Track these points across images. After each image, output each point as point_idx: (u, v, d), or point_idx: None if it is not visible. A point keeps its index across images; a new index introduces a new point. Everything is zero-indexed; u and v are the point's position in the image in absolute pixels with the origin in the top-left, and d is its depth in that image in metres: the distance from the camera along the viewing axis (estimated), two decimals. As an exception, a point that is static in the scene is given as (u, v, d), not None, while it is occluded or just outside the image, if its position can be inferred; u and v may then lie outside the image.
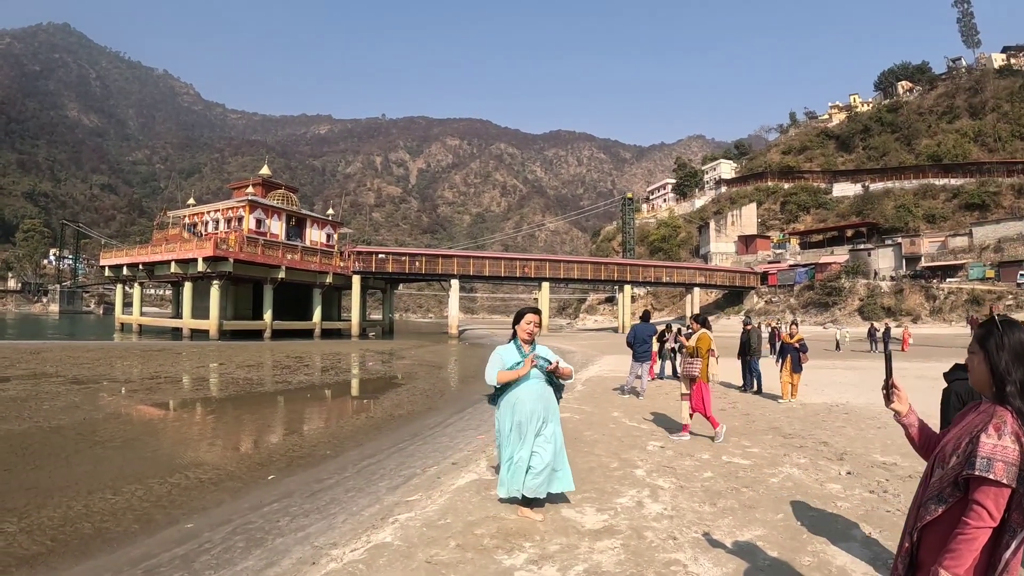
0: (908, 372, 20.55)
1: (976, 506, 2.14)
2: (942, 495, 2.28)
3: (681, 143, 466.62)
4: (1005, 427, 2.17)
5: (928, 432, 2.58)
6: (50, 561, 5.71)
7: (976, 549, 2.14)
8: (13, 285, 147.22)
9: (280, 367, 27.30)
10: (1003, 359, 2.25)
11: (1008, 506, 2.14)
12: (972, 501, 2.16)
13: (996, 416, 2.21)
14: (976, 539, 2.13)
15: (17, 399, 15.25)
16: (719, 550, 4.60)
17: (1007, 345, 2.25)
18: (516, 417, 5.17)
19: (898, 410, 2.57)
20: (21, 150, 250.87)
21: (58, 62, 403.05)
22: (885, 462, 7.56)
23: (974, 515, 2.14)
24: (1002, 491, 2.12)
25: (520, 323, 5.34)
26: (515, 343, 5.32)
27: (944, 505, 2.26)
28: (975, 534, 2.13)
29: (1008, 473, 2.10)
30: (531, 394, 5.17)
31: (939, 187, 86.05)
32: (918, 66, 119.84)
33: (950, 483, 2.26)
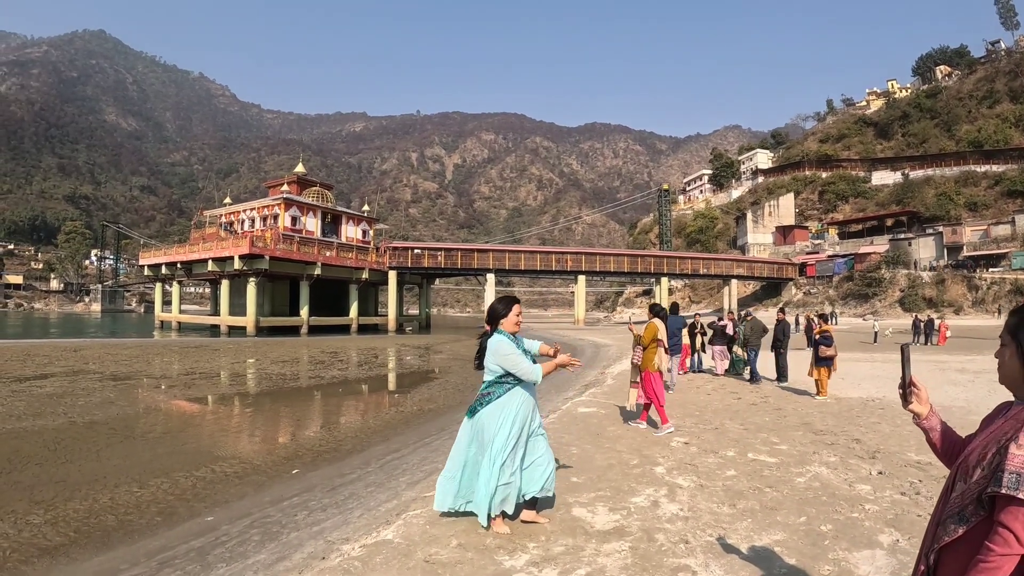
0: (949, 365, 20.16)
1: (1002, 529, 1.79)
2: (963, 513, 1.93)
3: (717, 133, 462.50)
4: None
5: (952, 437, 2.27)
6: (71, 552, 5.79)
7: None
8: (56, 286, 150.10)
9: (314, 362, 27.53)
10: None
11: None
12: (997, 523, 1.81)
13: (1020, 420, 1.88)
14: (1000, 568, 1.78)
15: (54, 395, 15.52)
16: (733, 556, 4.41)
17: None
18: (518, 420, 4.74)
19: (917, 412, 2.30)
20: (61, 155, 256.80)
21: (95, 68, 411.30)
22: (920, 461, 7.24)
23: (999, 540, 1.79)
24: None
25: (508, 315, 4.91)
26: (505, 335, 4.87)
27: (966, 525, 1.91)
28: (999, 563, 1.78)
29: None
30: (529, 394, 4.89)
31: (980, 174, 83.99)
32: (956, 50, 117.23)
33: (973, 500, 1.91)
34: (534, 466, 4.83)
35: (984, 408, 10.59)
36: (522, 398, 4.76)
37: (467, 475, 4.85)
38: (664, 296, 72.44)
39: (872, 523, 5.12)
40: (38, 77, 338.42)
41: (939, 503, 2.08)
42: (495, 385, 4.76)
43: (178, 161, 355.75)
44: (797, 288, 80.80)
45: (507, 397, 4.73)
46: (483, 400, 4.79)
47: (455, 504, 4.87)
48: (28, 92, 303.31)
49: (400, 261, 61.17)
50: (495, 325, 4.92)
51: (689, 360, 17.91)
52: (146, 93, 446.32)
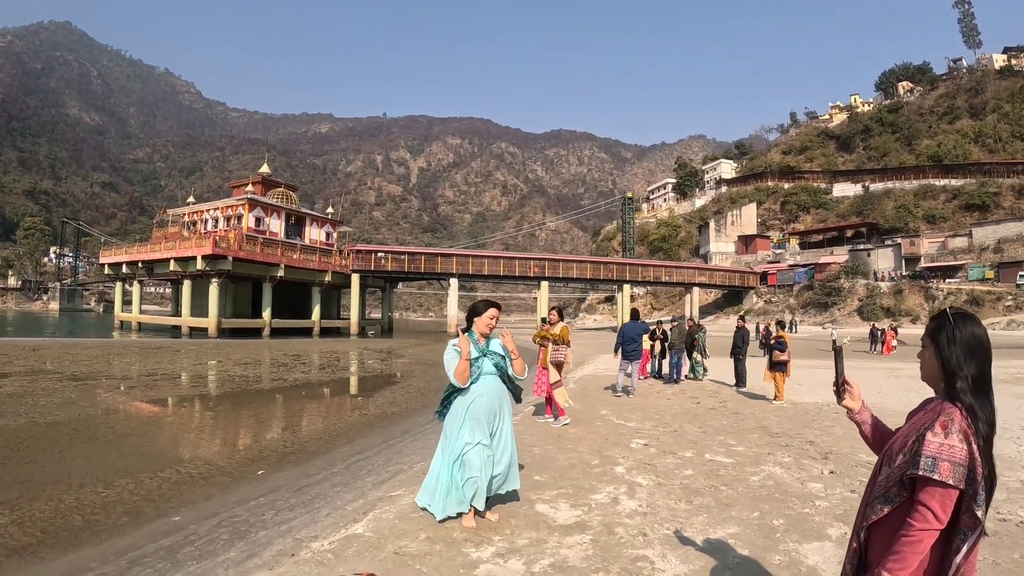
0: (903, 372, 20.69)
1: (921, 507, 2.08)
2: (888, 494, 2.21)
3: (682, 143, 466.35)
4: (953, 425, 2.09)
5: (882, 429, 2.52)
6: (39, 552, 5.81)
7: (920, 552, 2.08)
8: (13, 283, 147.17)
9: (277, 365, 27.43)
10: (954, 353, 2.19)
11: (957, 508, 2.08)
12: (917, 502, 2.09)
13: (944, 413, 2.14)
14: (920, 541, 2.07)
15: (14, 395, 15.35)
16: (689, 547, 4.62)
17: (959, 339, 2.19)
18: (473, 414, 4.99)
19: (850, 407, 2.53)
20: (22, 148, 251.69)
21: (59, 60, 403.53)
22: (870, 461, 7.29)
23: (919, 517, 2.07)
24: (948, 492, 2.05)
25: (481, 316, 5.20)
26: (472, 336, 5.18)
27: (890, 505, 2.19)
28: (919, 536, 2.06)
29: (955, 473, 2.04)
30: (490, 390, 5.09)
31: (939, 187, 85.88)
32: (919, 66, 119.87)
33: (896, 482, 2.19)
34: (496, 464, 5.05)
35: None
36: (477, 397, 5.01)
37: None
38: (627, 303, 72.92)
39: (822, 518, 5.38)
40: (1, 68, 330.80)
41: (868, 486, 2.36)
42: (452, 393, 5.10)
43: (141, 158, 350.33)
44: (758, 296, 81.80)
45: (464, 396, 5.01)
46: (445, 401, 5.13)
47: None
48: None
49: (363, 264, 60.96)
50: (471, 322, 5.23)
51: (650, 365, 18.30)
52: (110, 87, 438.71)
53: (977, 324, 2.23)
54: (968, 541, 2.06)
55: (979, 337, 2.19)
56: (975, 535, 2.06)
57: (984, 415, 2.11)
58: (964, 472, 2.04)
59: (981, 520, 2.04)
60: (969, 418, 2.10)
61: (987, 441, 2.10)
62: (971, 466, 2.05)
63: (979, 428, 2.09)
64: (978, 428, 2.09)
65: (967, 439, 2.06)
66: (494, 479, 5.02)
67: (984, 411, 2.12)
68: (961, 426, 2.08)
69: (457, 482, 4.97)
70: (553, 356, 10.17)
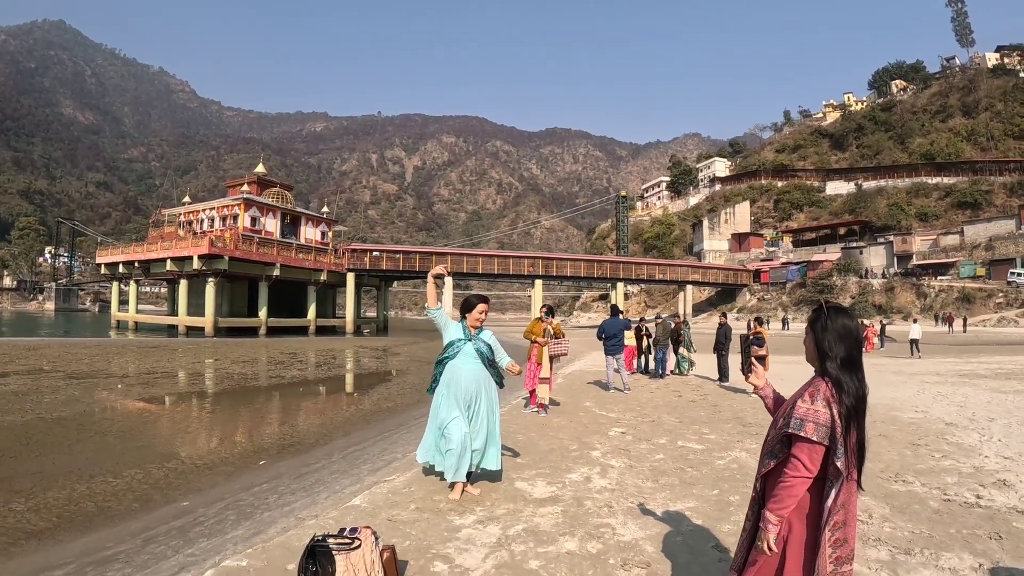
0: (887, 368, 21.09)
1: (793, 459, 2.55)
2: (773, 451, 2.70)
3: (677, 141, 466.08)
4: (819, 393, 2.56)
5: (781, 402, 2.93)
6: (56, 535, 6.22)
7: (795, 495, 2.53)
8: (9, 283, 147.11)
9: (274, 363, 27.83)
10: (826, 338, 2.65)
11: (825, 461, 2.53)
12: (791, 455, 2.57)
13: (814, 385, 2.62)
14: (794, 487, 2.53)
15: (18, 393, 15.74)
16: (648, 517, 5.12)
17: (830, 327, 2.66)
18: (452, 393, 5.57)
19: (755, 383, 3.00)
20: (16, 147, 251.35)
21: (53, 59, 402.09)
22: None
23: (791, 466, 2.54)
24: (815, 448, 2.51)
25: (472, 312, 5.75)
26: (462, 324, 5.79)
27: (775, 459, 2.68)
28: (792, 482, 2.53)
29: (818, 432, 2.50)
30: (469, 373, 5.63)
31: (932, 186, 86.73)
32: (912, 65, 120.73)
33: (778, 440, 2.67)
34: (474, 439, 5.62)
35: (909, 406, 11.66)
36: (456, 373, 5.60)
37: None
38: (620, 301, 73.29)
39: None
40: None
41: (763, 445, 2.85)
42: (437, 365, 5.70)
43: (135, 157, 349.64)
44: (752, 294, 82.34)
45: (446, 373, 5.63)
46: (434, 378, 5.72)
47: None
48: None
49: (358, 263, 61.48)
50: (464, 314, 5.81)
51: (636, 361, 18.80)
52: (104, 86, 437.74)
53: (847, 316, 2.71)
54: (835, 487, 2.52)
55: (847, 326, 2.66)
56: (839, 482, 2.51)
57: (850, 388, 2.57)
58: (827, 431, 2.50)
59: (841, 470, 2.50)
60: (835, 389, 2.57)
61: (854, 411, 2.56)
62: (832, 427, 2.51)
63: (843, 398, 2.55)
64: (842, 398, 2.55)
65: (830, 405, 2.53)
66: (472, 453, 5.56)
67: (850, 385, 2.58)
68: (826, 395, 2.56)
69: (440, 448, 5.63)
70: (554, 349, 10.57)
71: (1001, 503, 5.52)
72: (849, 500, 2.55)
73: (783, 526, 2.61)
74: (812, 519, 2.60)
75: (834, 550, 2.52)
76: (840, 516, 2.53)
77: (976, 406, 11.71)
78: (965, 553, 4.35)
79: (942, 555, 4.32)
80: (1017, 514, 5.22)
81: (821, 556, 2.51)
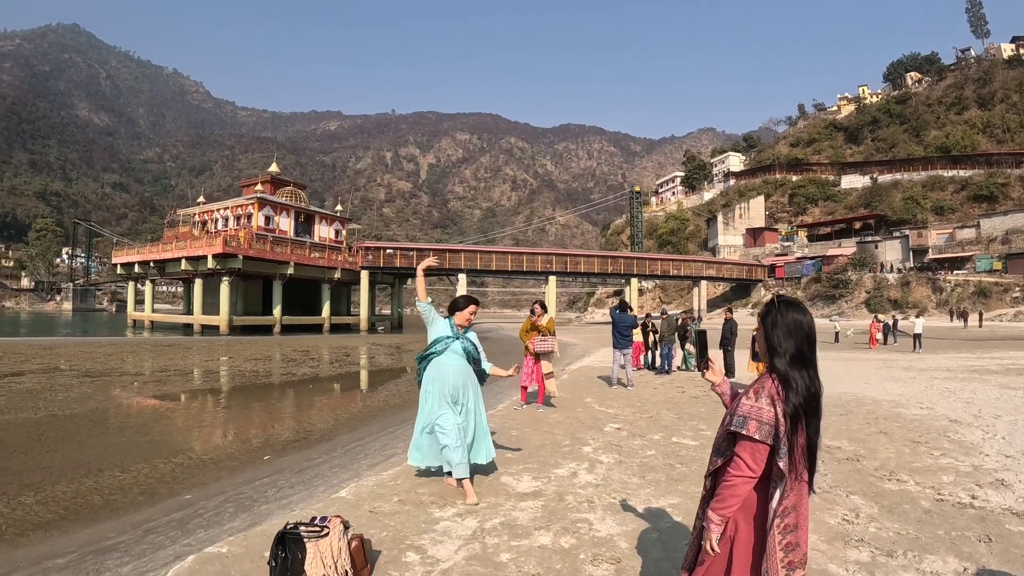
0: (896, 363, 21.01)
1: (736, 458, 2.47)
2: (720, 448, 2.62)
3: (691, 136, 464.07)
4: (763, 390, 2.47)
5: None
6: (62, 526, 6.43)
7: (737, 495, 2.46)
8: (27, 284, 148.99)
9: (286, 360, 28.05)
10: (776, 333, 2.55)
11: (769, 461, 2.44)
12: (734, 453, 2.49)
13: (759, 381, 2.53)
14: (736, 486, 2.45)
15: (33, 391, 16.02)
16: (628, 513, 5.13)
17: (780, 322, 2.56)
18: (439, 388, 5.63)
19: (712, 380, 2.89)
20: (33, 150, 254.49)
21: (68, 62, 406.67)
22: (829, 446, 7.77)
23: (734, 465, 2.46)
24: (757, 446, 2.42)
25: (462, 311, 5.89)
26: (450, 321, 5.89)
27: (722, 457, 2.58)
28: (735, 482, 2.44)
29: (761, 431, 2.41)
30: (455, 367, 5.72)
31: (947, 179, 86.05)
32: (927, 57, 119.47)
33: (724, 438, 2.58)
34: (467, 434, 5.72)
35: (915, 402, 11.54)
36: (443, 368, 5.68)
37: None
38: (635, 297, 73.31)
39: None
40: (10, 71, 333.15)
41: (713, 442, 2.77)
42: (423, 359, 5.77)
43: (151, 158, 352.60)
44: (766, 289, 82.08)
45: (431, 368, 5.71)
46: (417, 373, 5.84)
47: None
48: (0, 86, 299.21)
49: (372, 261, 61.63)
50: (452, 314, 5.93)
51: (643, 357, 18.88)
52: (119, 88, 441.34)
53: (799, 311, 2.60)
54: (779, 488, 2.44)
55: (798, 321, 2.56)
56: (783, 484, 2.42)
57: (799, 386, 2.45)
58: (770, 430, 2.41)
59: (784, 470, 2.40)
60: (782, 387, 2.47)
61: (802, 409, 2.44)
62: (776, 426, 2.41)
63: (789, 396, 2.43)
64: (788, 396, 2.44)
65: (774, 403, 2.43)
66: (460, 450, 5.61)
67: (799, 383, 2.46)
68: (771, 392, 2.46)
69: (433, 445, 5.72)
70: (540, 346, 10.57)
71: (996, 504, 5.40)
72: (800, 503, 2.47)
73: (730, 526, 2.55)
74: (759, 520, 2.52)
75: (786, 554, 2.44)
76: (791, 519, 2.45)
77: (983, 403, 11.52)
78: (950, 556, 4.25)
79: (926, 558, 4.22)
80: (1011, 516, 5.11)
81: (772, 560, 2.43)
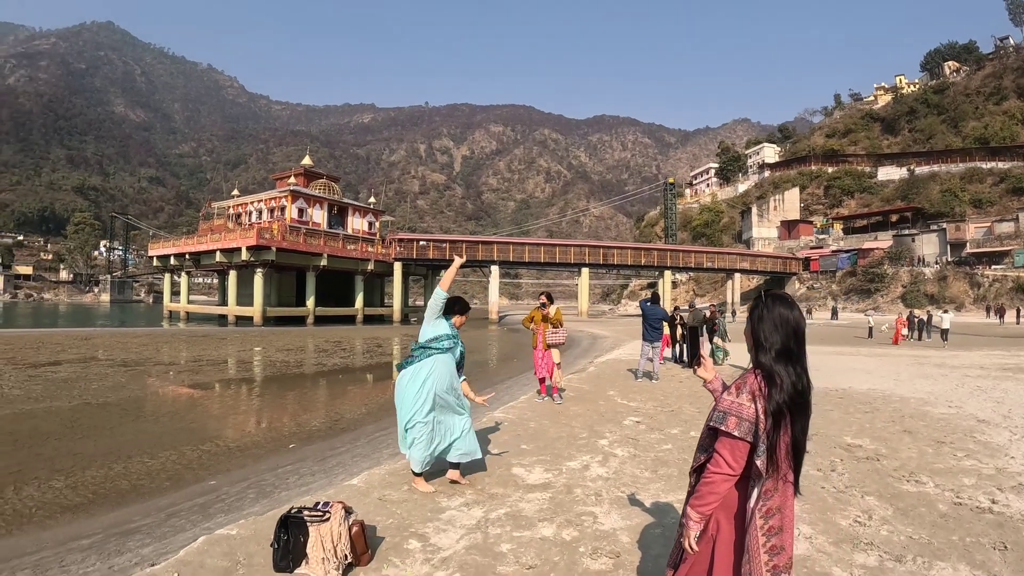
0: (929, 360, 20.65)
1: (716, 455, 2.43)
2: (703, 444, 2.60)
3: (726, 127, 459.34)
4: (745, 386, 2.43)
5: None
6: (90, 509, 6.65)
7: (716, 492, 2.43)
8: (65, 276, 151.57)
9: (318, 351, 28.34)
10: (762, 328, 2.50)
11: (749, 458, 2.40)
12: (714, 450, 2.45)
13: (743, 376, 2.49)
14: (715, 483, 2.42)
15: (68, 380, 16.39)
16: (635, 508, 5.14)
17: (766, 317, 2.51)
18: (430, 388, 5.47)
19: (704, 377, 2.79)
20: (70, 146, 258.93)
21: (103, 59, 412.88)
22: (850, 444, 7.70)
23: (713, 462, 2.43)
24: (737, 443, 2.39)
25: (462, 316, 5.96)
26: (448, 322, 5.81)
27: (705, 454, 2.54)
28: (714, 479, 2.41)
29: (740, 428, 2.37)
30: (446, 369, 5.64)
31: (986, 171, 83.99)
32: (965, 45, 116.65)
33: (707, 435, 2.57)
34: (450, 433, 5.65)
35: (944, 400, 11.31)
36: (440, 368, 5.57)
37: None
38: (668, 289, 72.78)
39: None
40: (46, 69, 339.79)
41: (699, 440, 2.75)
42: (419, 350, 5.65)
43: (186, 152, 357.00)
44: (801, 283, 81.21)
45: (427, 362, 5.56)
46: (409, 360, 5.68)
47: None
48: (36, 84, 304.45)
49: (405, 252, 61.96)
50: (450, 312, 5.87)
51: (669, 350, 18.78)
52: (154, 84, 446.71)
53: (787, 306, 2.54)
54: (756, 487, 2.41)
55: (785, 316, 2.49)
56: (761, 483, 2.39)
57: (784, 383, 2.40)
58: (750, 427, 2.37)
59: (762, 469, 2.36)
60: (765, 383, 2.41)
61: (787, 407, 2.39)
62: (756, 423, 2.37)
63: (773, 393, 2.38)
64: (772, 393, 2.38)
65: (755, 399, 2.39)
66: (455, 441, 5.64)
67: (785, 379, 2.41)
68: (752, 388, 2.42)
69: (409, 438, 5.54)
70: (552, 338, 10.63)
71: (1016, 509, 5.20)
72: (785, 504, 2.42)
73: (711, 525, 2.52)
74: (741, 519, 2.49)
75: (771, 557, 2.39)
76: (776, 521, 2.40)
77: (1014, 402, 11.19)
78: (962, 563, 4.10)
79: (935, 564, 4.09)
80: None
81: (756, 562, 2.40)
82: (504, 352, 29.58)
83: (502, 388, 14.93)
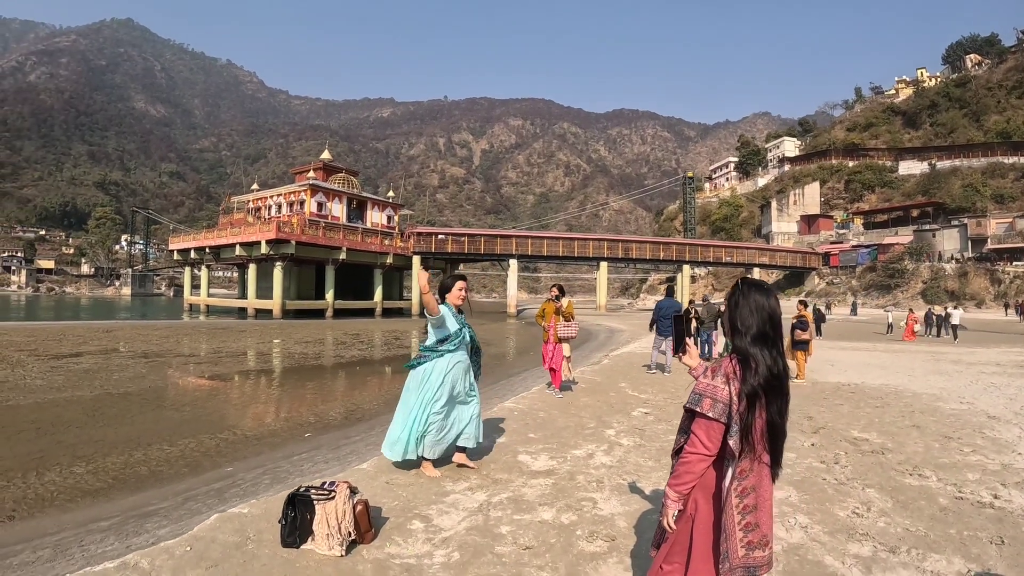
0: (946, 356, 20.57)
1: (692, 435, 2.54)
2: (683, 427, 2.70)
3: (746, 120, 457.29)
4: (720, 369, 2.54)
5: None
6: (109, 494, 6.85)
7: (693, 472, 2.54)
8: (87, 270, 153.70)
9: (337, 343, 28.53)
10: (739, 314, 2.62)
11: (724, 440, 2.51)
12: (691, 431, 2.57)
13: (718, 360, 2.61)
14: (691, 463, 2.53)
15: (90, 370, 16.66)
16: (635, 495, 5.25)
17: (743, 303, 2.63)
18: (451, 381, 5.66)
19: (688, 364, 2.88)
20: (91, 142, 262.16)
21: (123, 56, 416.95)
22: (857, 437, 7.76)
23: (690, 443, 2.54)
24: (712, 424, 2.49)
25: (452, 291, 5.88)
26: (448, 308, 5.83)
27: (685, 436, 2.64)
28: (690, 459, 2.53)
29: (715, 409, 2.48)
30: (464, 365, 5.82)
31: (1008, 165, 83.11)
32: (987, 38, 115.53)
33: (685, 417, 2.67)
34: (459, 421, 5.84)
35: (956, 396, 11.31)
36: (452, 362, 5.73)
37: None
38: (687, 283, 72.62)
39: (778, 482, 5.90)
40: (67, 66, 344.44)
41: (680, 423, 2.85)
42: (429, 350, 5.78)
43: (206, 147, 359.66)
44: (820, 278, 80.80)
45: (442, 361, 5.71)
46: (419, 360, 5.82)
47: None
48: (57, 81, 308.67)
49: (424, 246, 62.05)
50: (443, 297, 5.93)
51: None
52: (174, 80, 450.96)
53: (763, 293, 2.65)
54: (731, 467, 2.51)
55: (761, 302, 2.61)
56: (735, 463, 2.49)
57: (760, 367, 2.51)
58: (724, 408, 2.47)
59: (734, 448, 2.48)
60: (740, 366, 2.53)
61: (762, 389, 2.49)
62: (729, 404, 2.48)
63: (747, 376, 2.49)
64: (746, 375, 2.49)
65: (729, 381, 2.50)
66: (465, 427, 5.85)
67: (761, 362, 2.51)
68: (727, 371, 2.53)
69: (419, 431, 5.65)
70: (564, 332, 10.64)
71: (1017, 505, 5.24)
72: (760, 484, 2.52)
73: (690, 505, 2.63)
74: (719, 500, 2.58)
75: (745, 534, 2.49)
76: (751, 499, 2.50)
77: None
78: (956, 556, 4.15)
79: (929, 556, 4.14)
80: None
81: (732, 539, 2.49)
82: (521, 345, 29.82)
83: (517, 380, 15.04)
